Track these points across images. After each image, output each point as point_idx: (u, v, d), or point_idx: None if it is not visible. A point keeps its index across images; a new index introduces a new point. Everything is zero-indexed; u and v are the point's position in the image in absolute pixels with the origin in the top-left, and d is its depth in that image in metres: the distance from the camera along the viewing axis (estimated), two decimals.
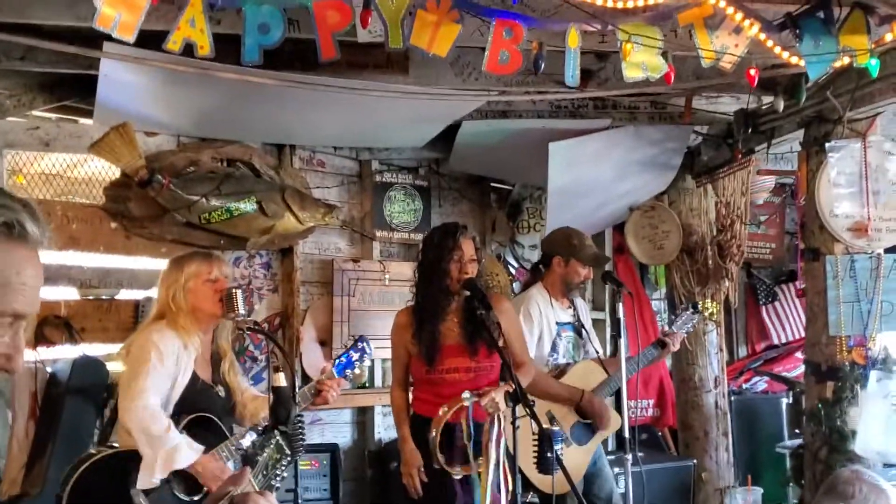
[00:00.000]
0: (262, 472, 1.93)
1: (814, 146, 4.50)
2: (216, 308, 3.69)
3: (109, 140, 4.50)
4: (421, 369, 4.11)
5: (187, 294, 3.69)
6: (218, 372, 3.81)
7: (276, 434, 2.02)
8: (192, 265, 3.74)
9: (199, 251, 3.97)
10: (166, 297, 3.70)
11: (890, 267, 4.41)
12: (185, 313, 3.66)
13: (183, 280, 3.70)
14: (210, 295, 3.70)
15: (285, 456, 2.02)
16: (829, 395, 4.39)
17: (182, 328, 3.62)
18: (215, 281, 3.73)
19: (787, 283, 7.77)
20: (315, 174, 5.62)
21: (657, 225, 5.82)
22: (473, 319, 4.00)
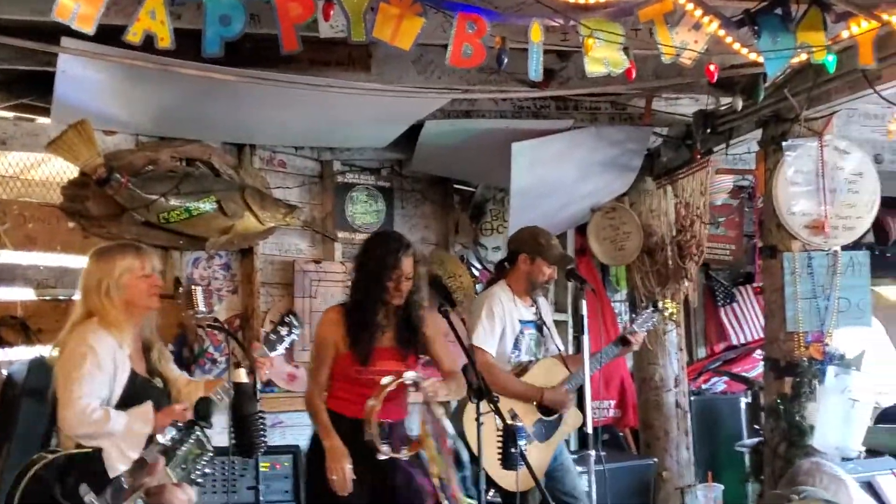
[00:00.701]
0: (181, 466, 1.91)
1: (771, 145, 4.56)
2: (151, 303, 3.62)
3: (67, 138, 4.45)
4: (350, 368, 4.05)
5: (120, 290, 3.53)
6: (150, 363, 3.69)
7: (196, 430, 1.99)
8: (126, 260, 3.58)
9: (126, 243, 3.83)
10: (97, 292, 3.53)
11: (846, 264, 4.49)
12: (118, 309, 3.51)
13: (116, 275, 3.53)
14: (145, 290, 3.59)
15: (206, 451, 2.00)
16: (787, 390, 4.44)
17: (114, 325, 3.49)
18: (149, 276, 3.62)
19: (745, 285, 7.87)
20: (276, 174, 5.58)
21: (618, 226, 5.86)
22: (407, 327, 4.06)
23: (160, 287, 3.68)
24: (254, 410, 3.31)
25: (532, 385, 4.61)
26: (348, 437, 3.94)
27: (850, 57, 3.67)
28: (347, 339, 4.05)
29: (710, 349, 7.93)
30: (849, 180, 4.47)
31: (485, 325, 4.57)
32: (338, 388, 4.13)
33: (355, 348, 4.02)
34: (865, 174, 4.51)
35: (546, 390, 4.60)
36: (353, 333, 4.05)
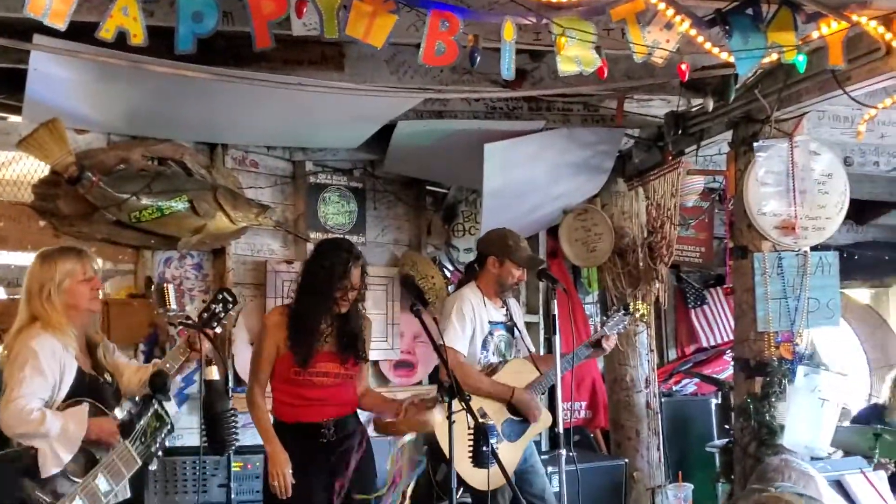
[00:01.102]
0: (140, 439, 1.89)
1: (742, 146, 4.60)
2: (92, 305, 3.69)
3: (39, 136, 4.42)
4: (289, 370, 4.10)
5: (62, 294, 3.59)
6: (97, 360, 3.74)
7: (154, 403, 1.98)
8: (67, 264, 3.64)
9: (67, 247, 3.84)
10: (39, 297, 3.59)
11: (816, 264, 4.53)
12: (59, 313, 3.57)
13: (58, 279, 3.60)
14: (86, 294, 3.66)
15: (165, 424, 1.99)
16: (757, 390, 4.47)
17: (57, 328, 3.54)
18: (90, 279, 3.68)
19: (716, 287, 7.94)
20: (248, 174, 5.56)
21: (590, 227, 5.88)
22: (349, 332, 4.15)
23: (101, 289, 3.78)
24: (226, 408, 3.30)
25: (503, 384, 4.63)
26: (288, 441, 4.03)
27: (820, 58, 3.72)
28: (288, 342, 4.11)
29: (681, 351, 8.00)
30: (819, 181, 4.52)
31: (455, 327, 4.59)
32: (278, 392, 4.20)
33: (296, 351, 4.08)
34: (835, 175, 4.56)
35: (517, 390, 4.61)
36: (294, 337, 4.10)
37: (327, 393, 4.12)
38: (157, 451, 1.96)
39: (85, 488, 1.64)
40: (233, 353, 5.27)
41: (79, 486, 1.64)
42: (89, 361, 3.70)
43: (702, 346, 7.89)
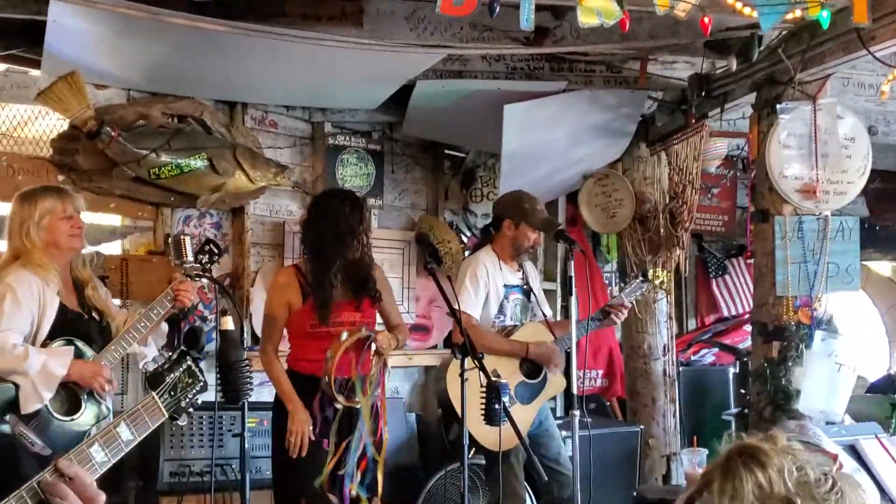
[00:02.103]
0: (170, 393, 1.89)
1: (765, 108, 4.53)
2: (73, 243, 3.74)
3: (58, 89, 4.41)
4: (306, 324, 4.14)
5: (41, 231, 3.66)
6: (84, 298, 3.81)
7: (187, 359, 1.98)
8: (46, 201, 3.70)
9: (49, 186, 3.93)
10: (20, 234, 3.66)
11: (836, 229, 4.47)
12: (40, 250, 3.64)
13: (37, 217, 3.66)
14: (66, 231, 3.71)
15: (197, 381, 1.98)
16: (774, 354, 4.44)
17: (38, 265, 3.61)
18: (70, 217, 3.74)
19: (738, 257, 7.87)
20: (267, 134, 5.55)
21: (610, 193, 5.85)
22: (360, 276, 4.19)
23: (83, 228, 3.81)
24: (240, 358, 3.32)
25: (518, 341, 4.62)
26: (308, 393, 4.05)
27: (844, 18, 3.66)
28: (303, 297, 4.15)
29: (701, 321, 7.94)
30: (842, 145, 4.45)
31: (469, 291, 4.58)
32: (295, 345, 4.24)
33: (315, 304, 4.12)
34: (858, 139, 4.49)
35: (531, 344, 4.60)
36: (311, 290, 4.14)
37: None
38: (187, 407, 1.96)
39: (105, 435, 1.64)
40: (251, 312, 5.29)
41: (98, 433, 1.64)
42: (75, 299, 3.77)
43: (722, 316, 7.83)
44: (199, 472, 4.56)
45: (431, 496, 5.20)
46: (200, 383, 2.02)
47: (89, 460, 1.58)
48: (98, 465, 1.59)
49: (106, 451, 1.61)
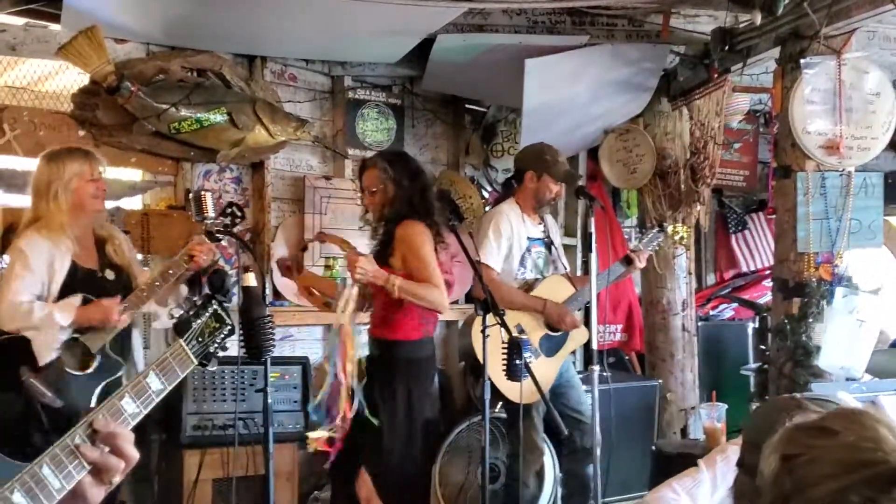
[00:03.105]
0: (197, 339, 1.89)
1: (789, 63, 4.47)
2: (97, 205, 3.85)
3: (78, 44, 4.40)
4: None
5: (68, 194, 3.74)
6: (105, 257, 3.91)
7: (213, 303, 1.98)
8: (75, 164, 3.79)
9: (75, 147, 3.97)
10: (46, 195, 3.74)
11: (859, 185, 4.43)
12: (63, 212, 3.72)
13: (66, 179, 3.75)
14: (92, 193, 3.81)
15: (224, 325, 1.98)
16: (795, 310, 4.43)
17: (57, 228, 3.71)
18: (96, 180, 3.83)
19: (758, 213, 7.82)
20: (286, 89, 5.53)
21: (631, 148, 5.81)
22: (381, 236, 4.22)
23: (105, 190, 3.92)
24: (262, 314, 3.34)
25: (535, 297, 4.63)
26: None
27: None
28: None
29: (720, 276, 7.93)
30: (866, 100, 4.39)
31: (491, 243, 4.59)
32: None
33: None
34: (883, 94, 4.43)
35: (548, 301, 4.61)
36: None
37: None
38: (216, 352, 1.97)
39: (135, 386, 1.65)
40: (271, 268, 5.32)
41: (128, 385, 1.65)
42: (95, 258, 3.87)
43: (741, 271, 7.81)
44: (222, 425, 4.61)
45: (453, 448, 5.27)
46: (228, 326, 2.02)
47: (121, 413, 1.59)
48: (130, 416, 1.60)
49: (137, 403, 1.62)
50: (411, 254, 4.06)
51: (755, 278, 7.58)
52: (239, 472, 4.50)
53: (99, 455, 1.47)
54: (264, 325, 3.33)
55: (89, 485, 1.47)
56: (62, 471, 1.44)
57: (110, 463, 1.48)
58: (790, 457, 1.23)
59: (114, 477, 1.49)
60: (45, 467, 1.43)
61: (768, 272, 7.22)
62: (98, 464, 1.47)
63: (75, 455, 1.46)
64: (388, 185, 4.16)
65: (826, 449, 1.21)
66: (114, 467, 1.48)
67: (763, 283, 7.30)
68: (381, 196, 4.18)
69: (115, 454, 1.48)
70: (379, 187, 4.17)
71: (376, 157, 4.32)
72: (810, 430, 1.26)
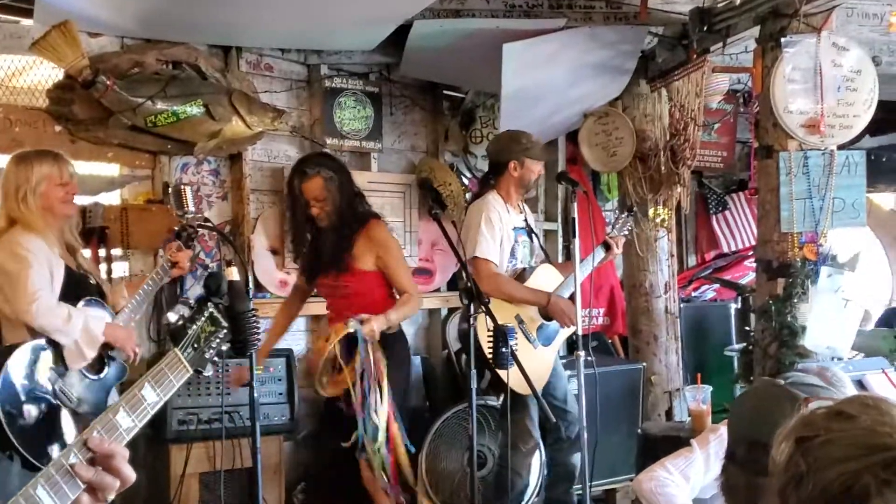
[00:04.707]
0: (193, 345, 1.85)
1: (769, 42, 4.45)
2: (67, 209, 3.78)
3: (51, 39, 4.32)
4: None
5: (38, 197, 3.68)
6: (78, 263, 3.87)
7: (209, 306, 1.94)
8: (44, 167, 3.72)
9: (44, 150, 3.90)
10: (16, 198, 3.67)
11: (842, 164, 4.42)
12: (36, 215, 3.66)
13: (34, 182, 3.68)
14: (61, 197, 3.74)
15: (220, 328, 1.94)
16: (779, 291, 4.43)
17: (38, 230, 3.64)
18: (66, 183, 3.76)
19: (738, 192, 7.84)
20: (262, 79, 5.47)
21: (611, 131, 5.79)
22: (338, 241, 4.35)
23: (75, 193, 3.85)
24: (246, 308, 3.30)
25: (540, 290, 4.63)
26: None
27: None
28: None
29: (701, 257, 7.96)
30: (847, 77, 4.39)
31: (485, 235, 4.57)
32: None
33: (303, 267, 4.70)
34: (864, 71, 4.42)
35: (553, 295, 4.61)
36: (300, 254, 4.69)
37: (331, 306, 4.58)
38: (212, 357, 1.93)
39: (129, 399, 1.61)
40: (252, 260, 5.27)
41: (122, 398, 1.61)
42: (73, 262, 3.82)
43: (722, 251, 7.84)
44: (207, 419, 4.58)
45: (439, 436, 5.26)
46: (224, 330, 1.98)
47: (116, 428, 1.55)
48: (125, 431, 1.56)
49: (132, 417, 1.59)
50: (388, 255, 4.42)
51: (736, 258, 7.61)
52: (225, 466, 4.49)
53: (94, 475, 1.45)
54: (249, 319, 3.29)
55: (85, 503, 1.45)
56: (57, 491, 1.42)
57: (105, 482, 1.46)
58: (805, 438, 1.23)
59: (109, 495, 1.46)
60: (40, 488, 1.41)
61: (750, 252, 7.25)
62: (93, 483, 1.45)
63: (70, 475, 1.43)
64: (335, 192, 4.33)
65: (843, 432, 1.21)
66: (109, 486, 1.46)
67: (744, 264, 7.33)
68: (329, 203, 4.33)
69: (109, 473, 1.46)
70: (325, 195, 4.32)
71: (314, 166, 4.40)
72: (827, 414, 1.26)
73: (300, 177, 4.36)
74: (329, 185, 4.30)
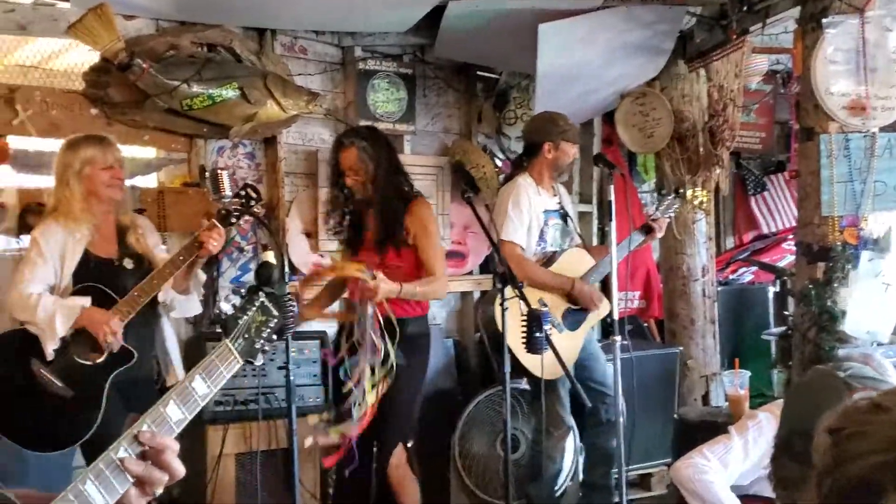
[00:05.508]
0: (244, 336, 1.84)
1: (810, 22, 4.37)
2: (112, 193, 3.79)
3: (87, 22, 4.34)
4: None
5: (81, 180, 3.71)
6: (124, 247, 3.86)
7: (260, 296, 1.93)
8: (88, 151, 3.75)
9: (93, 136, 3.92)
10: (61, 182, 3.72)
11: (884, 146, 4.34)
12: (78, 200, 3.69)
13: (78, 166, 3.71)
14: (105, 181, 3.75)
15: (272, 318, 1.93)
16: (819, 275, 4.37)
17: (73, 217, 3.68)
18: (110, 168, 3.77)
19: (777, 174, 7.73)
20: (297, 61, 5.46)
21: (648, 112, 5.72)
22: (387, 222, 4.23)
23: (122, 178, 3.87)
24: (283, 291, 3.31)
25: (563, 275, 4.60)
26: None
27: None
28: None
29: (739, 239, 7.86)
30: (890, 59, 4.29)
31: (512, 219, 4.55)
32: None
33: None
34: None
35: (576, 280, 4.58)
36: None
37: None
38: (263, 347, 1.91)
39: (180, 391, 1.60)
40: (286, 243, 5.28)
41: (173, 390, 1.60)
42: (114, 247, 3.82)
43: (761, 233, 7.74)
44: (244, 400, 4.61)
45: (471, 420, 5.27)
46: (274, 319, 1.96)
47: (167, 421, 1.54)
48: (175, 424, 1.55)
49: (182, 409, 1.57)
50: (424, 234, 4.23)
51: (775, 241, 7.51)
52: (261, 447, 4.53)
53: (143, 469, 1.44)
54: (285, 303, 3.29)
55: (133, 497, 1.45)
56: (106, 486, 1.41)
57: (154, 477, 1.45)
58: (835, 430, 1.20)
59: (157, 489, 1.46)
60: (89, 483, 1.40)
61: (789, 234, 7.16)
62: (142, 478, 1.44)
63: (119, 469, 1.43)
64: (369, 163, 4.22)
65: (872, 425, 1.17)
66: (157, 481, 1.46)
67: (783, 246, 7.23)
68: (363, 175, 4.23)
69: (159, 467, 1.46)
70: (360, 166, 4.22)
71: (351, 137, 4.32)
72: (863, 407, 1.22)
73: (338, 146, 4.33)
74: (364, 157, 4.22)
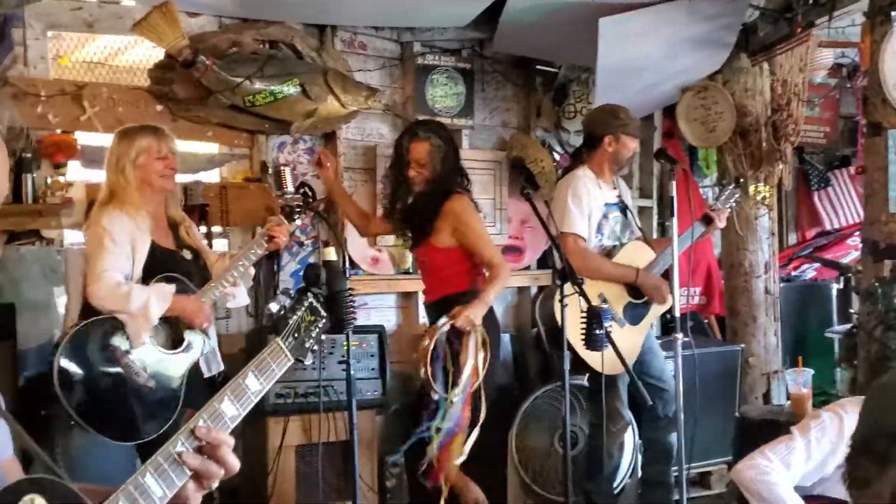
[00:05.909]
0: (293, 335, 1.87)
1: (878, 16, 4.27)
2: (165, 183, 3.79)
3: (152, 19, 4.41)
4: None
5: (137, 169, 3.72)
6: (178, 238, 3.90)
7: (308, 296, 1.96)
8: (143, 140, 3.76)
9: (147, 125, 3.94)
10: (115, 170, 3.73)
11: None
12: (133, 189, 3.70)
13: (133, 154, 3.73)
14: (159, 170, 3.76)
15: (320, 318, 1.96)
16: (886, 273, 4.28)
17: (131, 205, 3.67)
18: (165, 157, 3.78)
19: (841, 168, 7.58)
20: (356, 57, 5.50)
21: (710, 106, 5.63)
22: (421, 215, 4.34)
23: (175, 169, 3.87)
24: (343, 287, 3.34)
25: (627, 266, 4.56)
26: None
27: None
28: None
29: (802, 235, 7.72)
30: None
31: (572, 210, 4.51)
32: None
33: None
34: None
35: (641, 271, 4.54)
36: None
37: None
38: (312, 346, 1.95)
39: (234, 388, 1.65)
40: (345, 238, 5.32)
41: (227, 387, 1.65)
42: (171, 239, 3.86)
43: (824, 229, 7.59)
44: (304, 393, 4.67)
45: (528, 415, 5.26)
46: (322, 319, 2.00)
47: (221, 417, 1.59)
48: (230, 419, 1.60)
49: (237, 406, 1.63)
50: (467, 228, 4.28)
51: (838, 237, 7.36)
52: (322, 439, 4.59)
53: (200, 463, 1.50)
54: (345, 298, 3.33)
55: (190, 490, 1.50)
56: (165, 479, 1.47)
57: (211, 470, 1.51)
58: None
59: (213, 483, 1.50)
60: (149, 476, 1.45)
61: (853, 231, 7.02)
62: (199, 471, 1.50)
63: (177, 463, 1.48)
64: (437, 159, 4.29)
65: None
66: (214, 474, 1.52)
67: (847, 242, 7.09)
68: (428, 170, 4.29)
69: (215, 462, 1.51)
70: (428, 161, 4.28)
71: (427, 131, 4.37)
72: None
73: (411, 136, 4.36)
74: (434, 153, 4.29)
